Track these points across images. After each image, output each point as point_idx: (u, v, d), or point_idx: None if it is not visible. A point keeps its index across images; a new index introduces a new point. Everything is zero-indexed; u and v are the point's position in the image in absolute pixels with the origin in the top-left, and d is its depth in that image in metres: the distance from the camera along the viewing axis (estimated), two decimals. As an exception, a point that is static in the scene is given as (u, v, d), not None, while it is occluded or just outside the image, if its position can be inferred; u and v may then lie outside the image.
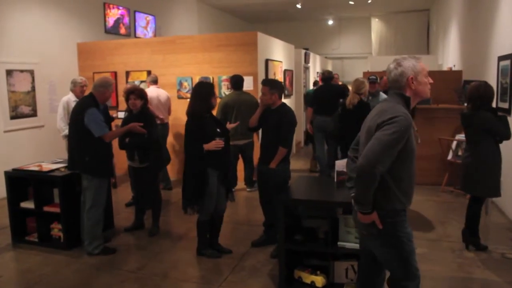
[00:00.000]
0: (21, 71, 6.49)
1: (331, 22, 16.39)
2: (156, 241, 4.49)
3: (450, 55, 9.72)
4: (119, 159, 6.19)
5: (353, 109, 5.07)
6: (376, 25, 15.89)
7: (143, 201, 4.81)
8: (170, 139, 6.95)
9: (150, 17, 9.91)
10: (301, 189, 3.71)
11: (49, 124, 6.80)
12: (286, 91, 8.35)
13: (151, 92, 5.93)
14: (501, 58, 5.32)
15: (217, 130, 3.86)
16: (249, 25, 16.80)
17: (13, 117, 6.36)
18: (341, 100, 6.11)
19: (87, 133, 3.93)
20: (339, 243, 3.17)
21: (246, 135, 5.77)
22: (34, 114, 6.72)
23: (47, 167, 4.42)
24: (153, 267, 3.87)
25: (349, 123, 4.95)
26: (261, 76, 6.85)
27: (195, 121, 3.79)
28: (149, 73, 6.98)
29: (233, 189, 4.75)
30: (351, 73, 15.74)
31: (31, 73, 6.66)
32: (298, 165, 8.13)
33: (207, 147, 3.72)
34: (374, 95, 5.79)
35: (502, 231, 4.62)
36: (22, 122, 6.52)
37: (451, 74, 7.78)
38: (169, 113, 6.63)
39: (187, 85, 7.10)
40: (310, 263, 3.48)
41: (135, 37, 9.25)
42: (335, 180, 3.50)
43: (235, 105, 5.82)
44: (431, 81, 2.29)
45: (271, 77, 7.22)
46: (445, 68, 9.84)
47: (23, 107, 6.54)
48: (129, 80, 7.32)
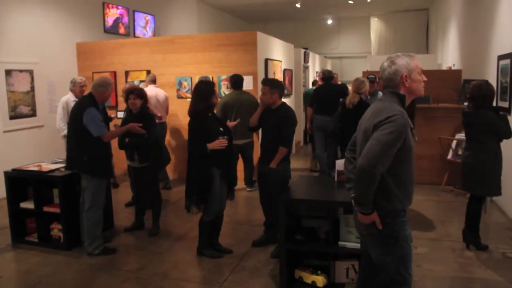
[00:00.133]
0: (20, 71, 6.47)
1: (330, 21, 16.38)
2: (156, 241, 4.48)
3: (449, 55, 9.72)
4: (119, 159, 6.19)
5: (353, 108, 5.06)
6: (375, 24, 15.88)
7: (143, 201, 4.81)
8: (168, 138, 6.95)
9: (149, 17, 9.90)
10: (302, 188, 3.71)
11: (48, 124, 6.79)
12: (285, 91, 8.34)
13: (149, 91, 5.92)
14: (501, 57, 5.33)
15: (220, 129, 3.85)
16: (249, 25, 16.78)
17: (12, 117, 6.34)
18: (341, 99, 6.11)
19: (86, 132, 3.92)
20: (340, 242, 3.17)
21: (246, 135, 5.76)
22: (33, 114, 6.71)
23: (47, 167, 4.41)
24: (153, 267, 3.87)
25: (349, 123, 4.93)
26: (261, 75, 6.84)
27: (197, 120, 3.78)
28: (148, 73, 6.97)
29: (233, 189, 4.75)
30: (350, 72, 15.73)
31: (31, 73, 6.64)
32: (298, 164, 8.13)
33: (211, 146, 3.71)
34: (372, 95, 5.78)
35: (502, 231, 4.62)
36: (21, 122, 6.51)
37: (450, 73, 7.77)
38: (167, 112, 6.65)
39: (186, 85, 7.09)
40: (310, 263, 3.48)
41: (135, 36, 9.23)
42: (336, 179, 3.50)
43: (235, 104, 5.82)
44: (425, 79, 2.27)
45: (270, 76, 7.21)
46: (445, 67, 9.83)
47: (23, 107, 6.53)
48: (129, 79, 7.31)
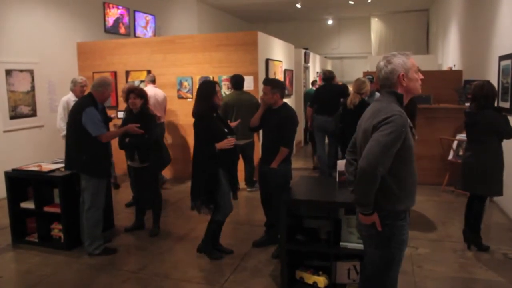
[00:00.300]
0: (21, 71, 6.46)
1: (330, 22, 16.38)
2: (156, 241, 4.47)
3: (450, 55, 9.71)
4: (119, 159, 6.18)
5: (354, 109, 5.05)
6: (375, 25, 15.88)
7: (143, 201, 4.80)
8: (167, 138, 6.94)
9: (149, 17, 9.89)
10: (303, 189, 3.70)
11: (49, 124, 6.78)
12: (286, 91, 8.33)
13: (148, 91, 5.88)
14: (502, 57, 5.32)
15: (225, 129, 3.84)
16: (249, 25, 16.78)
17: (12, 117, 6.33)
18: (341, 100, 6.10)
19: (85, 132, 3.91)
20: (341, 243, 3.16)
21: (246, 135, 5.75)
22: (33, 114, 6.70)
23: (47, 167, 4.40)
24: (154, 268, 3.86)
25: (350, 123, 4.90)
26: (262, 75, 6.83)
27: (203, 121, 3.76)
28: (149, 73, 6.96)
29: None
30: (350, 73, 15.74)
31: (31, 72, 6.63)
32: (298, 164, 8.12)
33: (220, 146, 3.70)
34: (370, 95, 5.77)
35: (504, 232, 4.62)
36: (21, 122, 6.49)
37: (451, 74, 7.76)
38: (165, 112, 6.64)
39: (187, 85, 7.08)
40: (312, 263, 3.46)
41: (135, 36, 9.23)
42: (337, 180, 3.49)
43: (236, 104, 5.82)
44: (422, 77, 2.26)
45: (271, 76, 7.21)
46: (445, 67, 9.83)
47: (23, 107, 6.52)
48: (129, 80, 7.30)
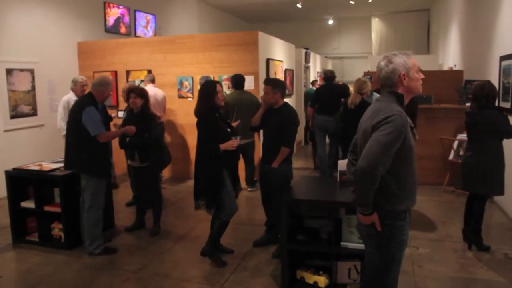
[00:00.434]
0: (21, 70, 6.46)
1: (331, 21, 16.37)
2: (157, 241, 4.47)
3: (450, 55, 9.71)
4: (119, 159, 6.18)
5: (355, 109, 5.04)
6: (376, 24, 15.88)
7: (144, 201, 4.80)
8: (167, 137, 6.93)
9: (150, 17, 9.89)
10: (304, 189, 3.69)
11: (49, 123, 6.78)
12: (287, 91, 8.33)
13: (148, 90, 5.91)
14: (503, 58, 5.31)
15: (228, 130, 3.84)
16: (249, 25, 16.78)
17: (13, 117, 6.33)
18: (342, 99, 6.09)
19: (85, 132, 3.91)
20: (342, 243, 3.16)
21: (247, 135, 5.75)
22: (34, 113, 6.70)
23: (48, 166, 4.40)
24: (154, 267, 3.86)
25: (351, 123, 4.90)
26: (262, 75, 6.83)
27: (206, 121, 3.74)
28: (149, 73, 6.96)
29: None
30: (351, 73, 15.73)
31: (31, 72, 6.63)
32: (299, 164, 8.12)
33: (224, 146, 3.67)
34: (368, 95, 5.76)
35: (504, 232, 4.61)
36: (22, 121, 6.49)
37: (452, 74, 7.76)
38: (164, 112, 6.63)
39: (187, 85, 7.08)
40: (312, 263, 3.46)
41: (135, 36, 9.22)
42: (338, 180, 3.48)
43: (236, 104, 5.81)
44: (423, 76, 2.25)
45: (272, 76, 7.20)
46: (446, 67, 9.82)
47: (23, 107, 6.52)
48: (130, 79, 7.30)
